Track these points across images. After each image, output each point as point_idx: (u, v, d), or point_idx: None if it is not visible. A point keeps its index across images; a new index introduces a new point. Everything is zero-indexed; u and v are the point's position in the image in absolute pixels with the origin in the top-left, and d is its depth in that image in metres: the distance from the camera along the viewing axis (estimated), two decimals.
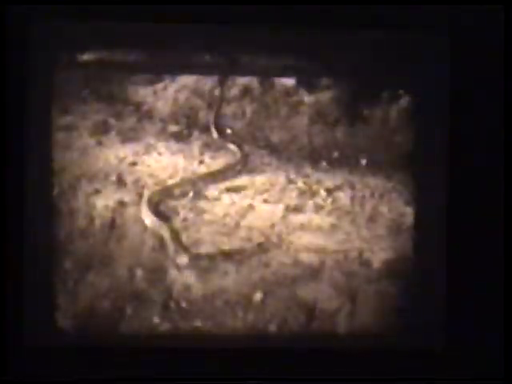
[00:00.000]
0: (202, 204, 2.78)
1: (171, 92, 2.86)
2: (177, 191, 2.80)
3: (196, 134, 2.88)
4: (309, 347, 2.56)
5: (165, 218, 2.72)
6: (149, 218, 2.70)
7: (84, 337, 2.55)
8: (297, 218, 2.74)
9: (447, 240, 2.55)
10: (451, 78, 2.55)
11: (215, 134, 2.91)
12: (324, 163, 2.83)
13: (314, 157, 2.83)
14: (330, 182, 2.81)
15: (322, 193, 2.79)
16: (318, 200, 2.78)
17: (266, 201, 2.80)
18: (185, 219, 2.74)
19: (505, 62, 2.52)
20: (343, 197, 2.78)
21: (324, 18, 2.51)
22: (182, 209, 2.76)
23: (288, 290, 2.60)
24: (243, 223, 2.74)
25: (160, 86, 2.86)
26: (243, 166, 2.89)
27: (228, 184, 2.85)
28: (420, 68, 2.60)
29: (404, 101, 2.72)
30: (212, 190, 2.83)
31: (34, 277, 2.51)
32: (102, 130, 2.78)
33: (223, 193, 2.83)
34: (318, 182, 2.81)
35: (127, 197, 2.74)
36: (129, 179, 2.77)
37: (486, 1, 2.52)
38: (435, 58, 2.56)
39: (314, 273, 2.63)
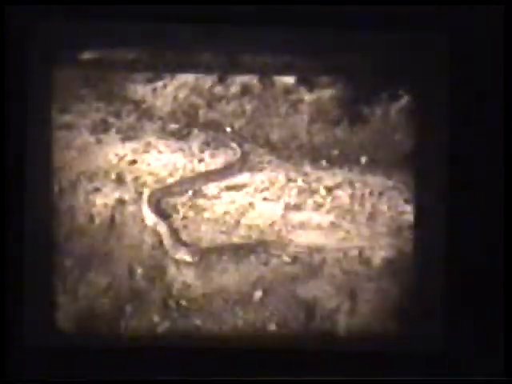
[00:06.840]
0: (202, 202, 2.79)
1: (171, 90, 2.85)
2: (176, 189, 2.80)
3: (196, 132, 2.87)
4: (308, 347, 2.56)
5: (164, 216, 2.73)
6: (148, 216, 2.71)
7: (84, 337, 2.55)
8: (296, 216, 2.74)
9: (447, 239, 2.56)
10: (451, 77, 2.55)
11: (215, 133, 2.91)
12: (324, 161, 2.83)
13: (313, 155, 2.83)
14: (329, 181, 2.80)
15: (322, 191, 2.79)
16: (318, 198, 2.78)
17: (265, 199, 2.80)
18: (184, 217, 2.74)
19: (505, 62, 2.52)
20: (343, 195, 2.78)
21: (324, 17, 2.51)
22: (182, 207, 2.77)
23: (288, 288, 2.61)
24: (243, 221, 2.74)
25: (159, 84, 2.85)
26: (243, 164, 2.89)
27: (228, 182, 2.85)
28: (420, 68, 2.60)
29: (404, 100, 2.72)
30: (212, 188, 2.83)
31: (34, 277, 2.51)
32: (101, 128, 2.78)
33: (223, 191, 2.83)
34: (318, 180, 2.81)
35: (127, 195, 2.74)
36: (128, 177, 2.77)
37: (486, 1, 2.52)
38: (435, 57, 2.56)
39: (313, 271, 2.64)
